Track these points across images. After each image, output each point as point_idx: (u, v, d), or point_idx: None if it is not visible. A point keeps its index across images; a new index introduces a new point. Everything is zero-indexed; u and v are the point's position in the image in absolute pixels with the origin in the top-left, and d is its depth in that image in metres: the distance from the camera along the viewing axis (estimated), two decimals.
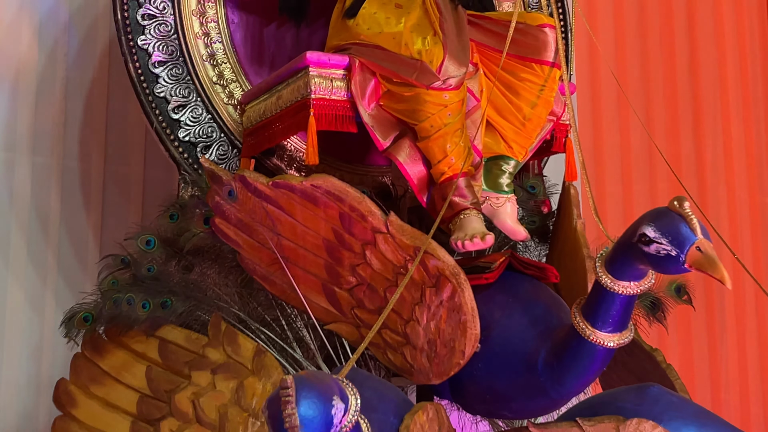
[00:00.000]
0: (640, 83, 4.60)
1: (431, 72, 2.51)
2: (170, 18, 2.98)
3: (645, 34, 4.63)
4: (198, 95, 2.99)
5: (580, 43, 4.43)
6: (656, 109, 4.60)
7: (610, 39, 4.56)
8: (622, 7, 4.61)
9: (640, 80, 4.60)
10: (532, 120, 2.66)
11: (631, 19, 4.62)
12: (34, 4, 3.48)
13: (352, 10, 2.72)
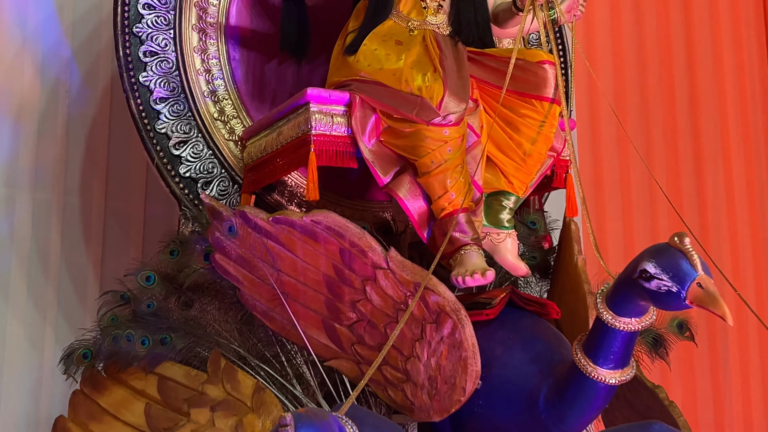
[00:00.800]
0: (640, 118, 4.61)
1: (431, 108, 2.51)
2: (172, 55, 2.99)
3: (644, 69, 4.65)
4: (199, 131, 3.00)
5: (579, 79, 4.45)
6: (656, 144, 4.61)
7: (609, 75, 4.59)
8: (622, 43, 4.63)
9: (639, 115, 4.61)
10: (533, 156, 2.66)
11: (631, 54, 4.64)
12: (37, 40, 3.49)
13: (353, 47, 2.74)
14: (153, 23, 2.98)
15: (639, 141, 4.55)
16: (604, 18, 4.62)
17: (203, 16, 3.05)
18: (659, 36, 4.72)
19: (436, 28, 2.81)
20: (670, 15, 4.74)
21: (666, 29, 4.73)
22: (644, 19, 4.67)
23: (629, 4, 4.67)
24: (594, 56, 4.54)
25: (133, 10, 2.96)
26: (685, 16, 4.78)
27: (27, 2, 3.49)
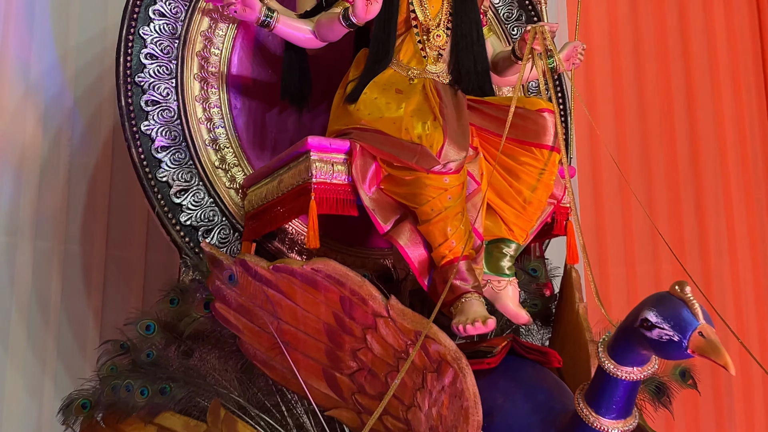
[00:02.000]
0: (641, 164, 4.62)
1: (431, 156, 2.52)
2: (174, 104, 3.01)
3: (645, 115, 4.67)
4: (200, 179, 3.01)
5: (580, 126, 4.48)
6: (657, 189, 4.61)
7: (609, 121, 4.61)
8: (622, 90, 4.66)
9: (640, 161, 4.63)
10: (533, 203, 2.66)
11: (631, 101, 4.67)
12: (39, 90, 3.51)
13: (353, 95, 2.76)
14: (155, 73, 3.00)
15: (640, 187, 4.56)
16: (604, 65, 4.65)
17: (205, 66, 3.07)
18: (659, 82, 4.75)
19: (435, 76, 2.83)
20: (670, 61, 4.78)
21: (666, 76, 4.76)
22: (644, 66, 4.71)
23: (629, 50, 4.71)
24: (594, 103, 4.57)
25: (135, 60, 2.98)
26: (684, 63, 4.81)
27: (30, 52, 3.51)
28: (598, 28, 4.66)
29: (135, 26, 2.99)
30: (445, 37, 2.87)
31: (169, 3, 3.03)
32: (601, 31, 4.67)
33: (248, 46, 3.16)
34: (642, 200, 4.49)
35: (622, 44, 4.69)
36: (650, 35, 4.75)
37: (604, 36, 4.67)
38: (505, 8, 3.61)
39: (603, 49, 4.66)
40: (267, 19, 2.83)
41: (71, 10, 3.60)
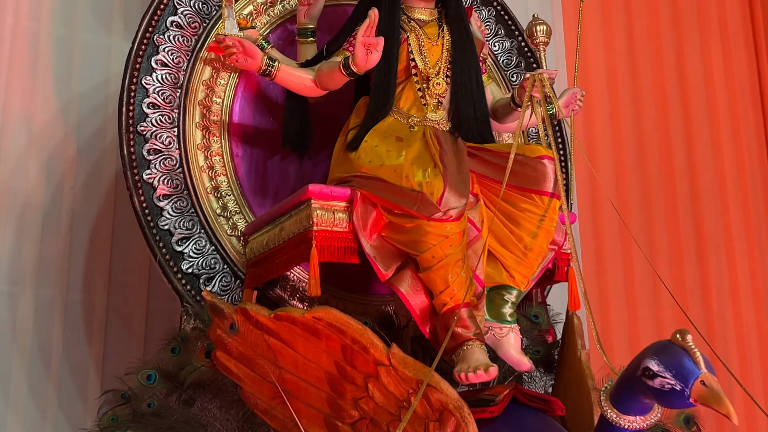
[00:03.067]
0: (641, 208, 4.63)
1: (432, 204, 2.53)
2: (175, 152, 3.03)
3: (645, 160, 4.69)
4: (202, 227, 3.02)
5: (580, 170, 4.49)
6: (658, 233, 4.62)
7: (610, 166, 4.62)
8: (622, 135, 4.68)
9: (640, 205, 4.63)
10: (534, 250, 2.67)
11: (631, 146, 4.69)
12: (42, 139, 3.53)
13: (354, 143, 2.78)
14: (157, 122, 3.02)
15: (641, 231, 4.56)
16: (603, 111, 4.68)
17: (207, 114, 3.10)
18: (658, 127, 4.78)
19: (436, 124, 2.85)
20: (669, 106, 4.81)
21: (665, 120, 4.79)
22: (643, 112, 4.74)
23: (628, 96, 4.74)
24: (594, 148, 4.59)
25: (138, 109, 3.00)
26: (683, 107, 4.84)
27: (33, 102, 3.53)
28: (596, 74, 4.70)
29: (137, 76, 3.02)
30: (444, 85, 2.90)
31: (171, 53, 3.06)
32: (600, 77, 4.71)
33: (250, 95, 3.19)
34: (642, 244, 4.50)
35: (621, 90, 4.73)
36: (648, 81, 4.78)
37: (602, 82, 4.70)
38: (504, 55, 3.64)
39: (602, 95, 4.69)
40: (268, 68, 2.86)
41: (75, 60, 3.63)
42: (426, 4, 2.99)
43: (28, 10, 3.57)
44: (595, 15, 4.74)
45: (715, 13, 5.02)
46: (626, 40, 4.79)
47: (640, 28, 4.83)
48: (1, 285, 3.39)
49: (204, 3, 3.13)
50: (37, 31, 3.58)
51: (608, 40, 4.76)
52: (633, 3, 4.84)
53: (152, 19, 3.06)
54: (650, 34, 4.85)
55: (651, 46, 4.84)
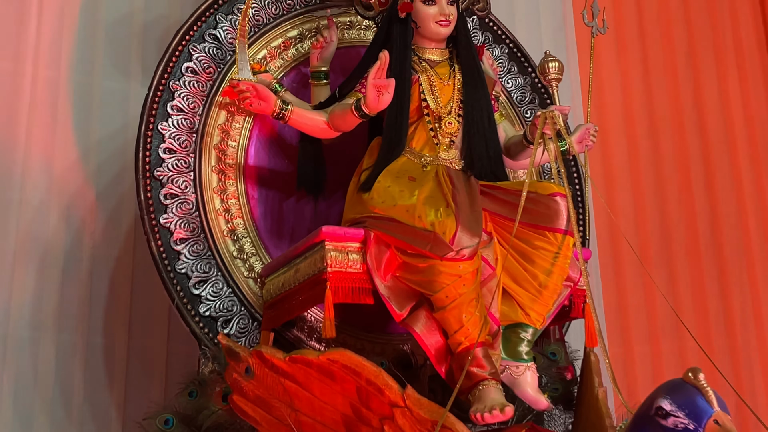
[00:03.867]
0: (661, 240, 4.60)
1: (445, 243, 2.54)
2: (192, 196, 3.05)
3: (664, 191, 4.66)
4: (219, 270, 3.04)
5: (599, 203, 4.48)
6: (679, 264, 4.58)
7: (628, 199, 4.60)
8: (639, 167, 4.66)
9: (660, 237, 4.60)
10: (548, 287, 2.66)
11: (649, 178, 4.67)
12: (62, 185, 3.57)
13: (367, 184, 2.80)
14: (173, 166, 3.05)
15: (661, 263, 4.53)
16: (620, 144, 4.67)
17: (222, 158, 3.13)
18: (677, 159, 4.76)
19: (448, 163, 2.87)
20: (687, 139, 4.79)
21: (683, 152, 4.76)
22: (661, 145, 4.72)
23: (645, 130, 4.73)
24: (612, 181, 4.58)
25: (154, 154, 3.04)
26: (701, 139, 4.82)
27: (53, 148, 3.58)
28: (612, 108, 4.69)
29: (153, 122, 3.05)
30: (456, 124, 2.91)
31: (186, 98, 3.10)
32: (616, 111, 4.70)
33: (264, 138, 3.22)
34: (663, 276, 4.47)
35: (638, 123, 4.72)
36: (666, 114, 4.77)
37: (619, 116, 4.70)
38: (518, 92, 3.66)
39: (619, 129, 4.68)
40: (282, 112, 2.90)
41: (93, 107, 3.68)
42: (437, 45, 3.02)
43: (47, 60, 3.62)
44: (610, 50, 4.75)
45: (731, 45, 5.01)
46: (642, 74, 4.79)
47: (656, 62, 4.83)
48: (23, 330, 3.41)
49: (218, 48, 3.17)
50: (57, 79, 3.63)
51: (624, 74, 4.76)
52: (648, 37, 4.85)
53: (167, 66, 3.10)
54: (666, 68, 4.85)
55: (667, 80, 4.83)
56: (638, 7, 4.85)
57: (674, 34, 4.89)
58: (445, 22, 2.96)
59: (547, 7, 4.61)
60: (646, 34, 4.82)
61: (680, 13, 4.93)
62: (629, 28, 4.81)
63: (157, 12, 3.85)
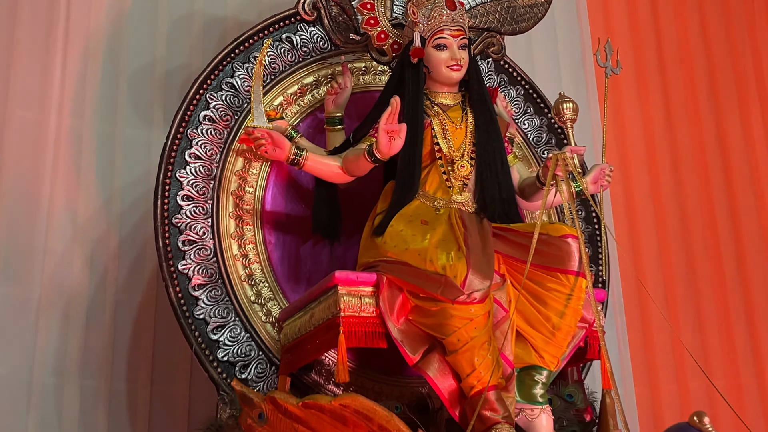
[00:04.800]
0: (687, 277, 4.56)
1: (456, 287, 2.55)
2: (210, 242, 3.09)
3: (688, 228, 4.63)
4: (236, 315, 3.06)
5: (623, 244, 4.46)
6: (705, 302, 4.52)
7: (652, 235, 4.57)
8: (662, 203, 4.63)
9: (686, 274, 4.56)
10: (562, 329, 2.66)
11: (673, 213, 4.63)
12: (86, 233, 3.63)
13: (380, 228, 2.82)
14: (191, 213, 3.10)
15: (687, 300, 4.50)
16: (643, 182, 4.65)
17: (240, 204, 3.17)
18: (701, 196, 4.73)
19: (461, 206, 2.88)
20: (711, 176, 4.76)
21: (707, 190, 4.73)
22: (684, 182, 4.70)
23: (668, 167, 4.70)
24: (635, 219, 4.55)
25: (172, 202, 3.09)
26: (725, 176, 4.79)
27: (77, 196, 3.64)
28: (634, 145, 4.68)
29: (172, 170, 3.10)
30: (469, 167, 2.93)
31: (204, 146, 3.15)
32: (638, 148, 4.69)
33: (281, 183, 3.26)
34: (690, 314, 4.44)
35: (660, 161, 4.70)
36: (689, 151, 4.75)
37: (641, 153, 4.69)
38: (534, 133, 3.67)
39: (641, 168, 4.66)
40: (296, 158, 2.93)
41: (116, 154, 3.74)
42: (449, 89, 3.05)
43: (71, 109, 3.70)
44: (631, 88, 4.75)
45: (753, 80, 4.99)
46: (663, 112, 4.78)
47: (677, 98, 4.82)
48: (48, 377, 3.45)
49: (235, 96, 3.22)
50: (80, 128, 3.70)
51: (645, 111, 4.75)
52: (669, 74, 4.84)
53: (185, 114, 3.16)
54: (687, 103, 4.84)
55: (689, 115, 4.82)
56: (658, 44, 4.85)
57: (695, 70, 4.88)
58: (457, 67, 2.99)
59: (565, 47, 4.63)
60: (666, 70, 4.82)
61: (700, 49, 4.93)
62: (649, 65, 4.81)
63: (178, 61, 3.92)
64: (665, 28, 4.86)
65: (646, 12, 4.87)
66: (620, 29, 4.78)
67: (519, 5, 3.63)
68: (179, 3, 4.01)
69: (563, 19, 4.70)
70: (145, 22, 3.93)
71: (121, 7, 3.91)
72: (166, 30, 3.95)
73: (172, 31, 3.96)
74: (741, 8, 5.09)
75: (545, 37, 4.60)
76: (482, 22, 3.56)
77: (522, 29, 3.64)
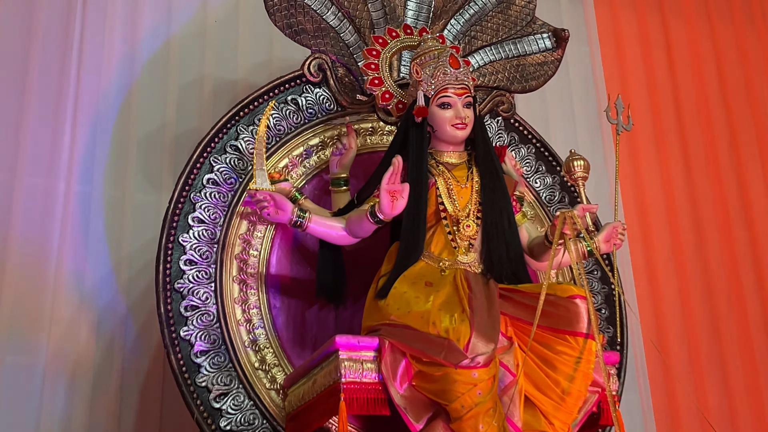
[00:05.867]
0: (711, 339, 4.43)
1: (459, 350, 2.46)
2: (213, 307, 3.03)
3: (711, 286, 4.50)
4: (240, 382, 2.99)
5: (644, 302, 4.34)
6: (732, 365, 4.37)
7: (674, 296, 4.46)
8: (684, 260, 4.51)
9: (710, 336, 4.43)
10: (572, 394, 2.55)
11: (695, 271, 4.51)
12: (93, 299, 3.58)
13: (383, 290, 2.75)
14: (194, 278, 3.04)
15: (713, 364, 4.35)
16: (663, 239, 4.54)
17: (244, 268, 3.11)
18: (724, 253, 4.61)
19: (467, 266, 2.81)
20: (733, 230, 4.64)
21: (730, 246, 4.62)
22: (706, 238, 4.58)
23: (688, 223, 4.60)
24: (656, 278, 4.43)
25: (175, 266, 3.03)
26: (748, 231, 4.67)
27: (85, 263, 3.61)
28: (654, 203, 4.58)
29: (174, 234, 3.06)
30: (475, 227, 2.86)
31: (207, 209, 3.11)
32: (658, 205, 4.59)
33: (286, 246, 3.20)
34: (717, 378, 4.30)
35: (681, 217, 4.60)
36: (709, 206, 4.65)
37: (661, 211, 4.59)
38: (546, 191, 3.60)
39: (661, 225, 4.56)
40: (299, 220, 2.87)
41: (125, 220, 3.71)
42: (455, 148, 3.00)
43: (80, 175, 3.69)
44: (648, 145, 4.67)
45: None
46: (683, 168, 4.70)
47: (697, 154, 4.74)
48: None
49: (240, 159, 3.19)
50: (89, 194, 3.69)
51: (664, 169, 4.66)
52: (687, 128, 4.76)
53: (189, 178, 3.12)
54: (708, 159, 4.75)
55: (710, 172, 4.73)
56: (675, 98, 4.78)
57: (714, 122, 4.79)
58: (461, 125, 2.94)
59: (581, 104, 4.59)
60: (684, 124, 4.74)
61: (718, 101, 4.85)
62: (667, 120, 4.73)
63: (188, 125, 3.92)
64: (682, 82, 4.79)
65: (663, 66, 4.81)
66: (636, 84, 4.73)
67: (528, 63, 3.60)
68: (189, 67, 4.03)
69: (578, 76, 4.66)
70: (155, 86, 3.94)
71: (131, 72, 3.92)
72: (176, 94, 3.96)
73: (182, 95, 3.97)
74: (759, 58, 5.02)
75: (560, 95, 4.57)
76: (491, 81, 3.53)
77: (532, 87, 3.62)
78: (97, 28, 3.89)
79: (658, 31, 4.85)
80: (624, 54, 4.75)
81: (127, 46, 3.95)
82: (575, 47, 4.71)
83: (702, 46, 4.89)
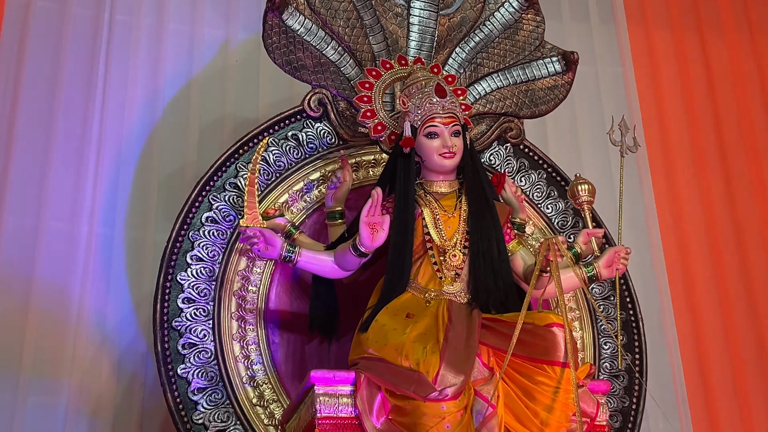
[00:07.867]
0: (758, 366, 4.20)
1: (428, 383, 2.41)
2: (210, 345, 3.05)
3: (755, 310, 4.28)
4: (237, 418, 3.00)
5: (684, 334, 4.17)
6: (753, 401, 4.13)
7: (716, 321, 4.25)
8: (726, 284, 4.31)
9: (756, 361, 4.20)
10: (551, 425, 2.47)
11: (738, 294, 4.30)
12: (115, 339, 3.64)
13: (365, 324, 2.72)
14: (192, 316, 3.07)
15: (759, 393, 4.13)
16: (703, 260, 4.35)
17: (242, 304, 3.12)
18: None
19: (453, 296, 2.77)
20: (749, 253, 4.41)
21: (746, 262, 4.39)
22: (750, 259, 4.37)
23: (730, 244, 4.39)
24: (696, 302, 4.24)
25: (172, 305, 3.07)
26: None
27: (107, 304, 3.68)
28: (692, 223, 4.39)
29: (172, 273, 3.10)
30: (461, 257, 2.81)
31: (206, 247, 3.14)
32: (697, 226, 4.40)
33: (286, 281, 3.21)
34: (762, 410, 4.07)
35: (722, 238, 4.38)
36: (752, 225, 4.43)
37: (700, 232, 4.39)
38: (558, 217, 3.52)
39: (701, 246, 4.36)
40: (289, 255, 2.86)
41: (146, 260, 3.77)
42: (445, 177, 2.96)
43: (102, 218, 3.77)
44: (687, 166, 4.48)
45: None
46: (724, 189, 4.47)
47: (740, 176, 4.50)
48: None
49: (239, 196, 3.21)
50: (111, 236, 3.77)
51: (704, 191, 4.45)
52: (729, 149, 4.53)
53: (187, 217, 3.17)
54: (752, 180, 4.52)
55: (753, 190, 4.49)
56: (715, 117, 4.58)
57: (758, 142, 4.58)
58: (449, 154, 2.90)
59: None
60: (725, 144, 4.54)
61: (762, 119, 4.63)
62: (706, 140, 4.54)
63: (209, 163, 3.95)
64: (721, 99, 4.60)
65: (701, 83, 4.62)
66: (672, 103, 4.56)
67: (538, 88, 3.54)
68: (211, 108, 4.08)
69: (610, 98, 4.54)
70: (177, 128, 4.00)
71: (153, 115, 4.00)
72: (197, 134, 4.01)
73: (203, 135, 4.02)
74: None
75: (591, 117, 4.46)
76: (499, 107, 3.48)
77: (542, 112, 3.55)
78: (120, 73, 3.99)
79: (695, 49, 4.68)
80: (659, 73, 4.60)
81: (149, 90, 4.03)
82: (607, 68, 4.60)
83: (743, 61, 4.69)
